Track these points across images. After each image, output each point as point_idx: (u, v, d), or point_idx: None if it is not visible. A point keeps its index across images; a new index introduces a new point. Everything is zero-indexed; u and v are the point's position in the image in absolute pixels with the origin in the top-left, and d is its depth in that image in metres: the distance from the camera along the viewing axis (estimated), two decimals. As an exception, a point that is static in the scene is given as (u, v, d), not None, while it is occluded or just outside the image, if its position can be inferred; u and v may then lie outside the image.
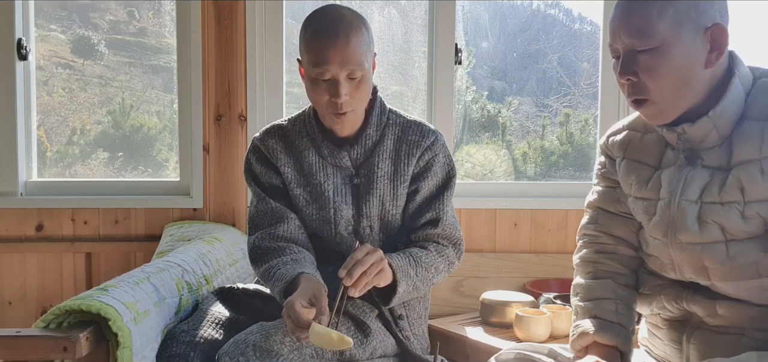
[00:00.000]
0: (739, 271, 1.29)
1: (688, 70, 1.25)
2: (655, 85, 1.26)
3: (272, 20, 2.54)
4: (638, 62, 1.27)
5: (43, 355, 1.39)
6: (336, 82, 1.54)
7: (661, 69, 1.25)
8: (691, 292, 1.38)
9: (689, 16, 1.24)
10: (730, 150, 1.29)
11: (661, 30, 1.23)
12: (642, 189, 1.41)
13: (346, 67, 1.53)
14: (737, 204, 1.27)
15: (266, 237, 1.66)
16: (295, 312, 1.37)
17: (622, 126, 1.51)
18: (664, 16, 1.23)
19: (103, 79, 2.79)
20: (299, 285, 1.47)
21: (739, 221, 1.27)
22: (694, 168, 1.33)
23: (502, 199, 2.58)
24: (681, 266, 1.37)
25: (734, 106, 1.28)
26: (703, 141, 1.31)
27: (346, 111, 1.57)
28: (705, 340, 1.36)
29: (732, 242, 1.29)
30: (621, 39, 1.28)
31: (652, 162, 1.42)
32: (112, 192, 2.61)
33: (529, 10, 2.87)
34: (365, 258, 1.47)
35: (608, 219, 1.53)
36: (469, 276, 2.51)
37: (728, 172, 1.28)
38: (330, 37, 1.53)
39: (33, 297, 2.58)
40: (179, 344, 1.56)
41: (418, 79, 2.72)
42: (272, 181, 1.72)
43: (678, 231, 1.34)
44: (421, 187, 1.69)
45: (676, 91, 1.26)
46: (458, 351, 2.10)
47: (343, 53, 1.52)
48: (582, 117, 2.78)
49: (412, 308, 1.76)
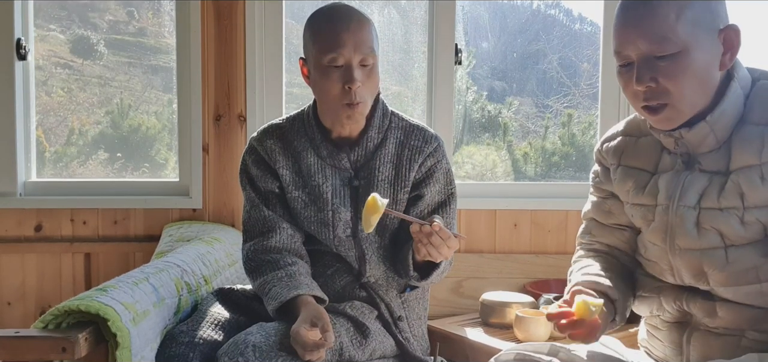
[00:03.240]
0: (739, 276, 1.28)
1: (706, 73, 1.24)
2: (676, 88, 1.24)
3: (272, 20, 2.54)
4: (658, 68, 1.24)
5: (42, 356, 1.39)
6: (350, 68, 1.54)
7: (684, 73, 1.22)
8: (690, 294, 1.37)
9: (705, 19, 1.22)
10: (728, 154, 1.27)
11: (681, 35, 1.21)
12: (639, 195, 1.40)
13: (359, 51, 1.54)
14: (736, 210, 1.25)
15: (259, 250, 1.67)
16: (301, 339, 1.42)
17: (616, 132, 1.50)
18: (683, 20, 1.21)
19: (103, 79, 2.78)
20: (298, 312, 1.51)
21: (739, 227, 1.26)
22: (692, 173, 1.31)
23: (502, 200, 2.58)
24: (680, 271, 1.36)
25: (733, 109, 1.26)
26: (700, 145, 1.29)
27: (359, 101, 1.56)
28: (705, 342, 1.35)
29: (731, 247, 1.28)
30: (636, 46, 1.25)
31: (648, 167, 1.40)
32: (111, 192, 2.61)
33: (529, 10, 2.87)
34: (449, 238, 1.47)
35: (601, 231, 1.53)
36: (469, 277, 2.51)
37: (727, 177, 1.27)
38: (344, 21, 1.55)
39: (32, 297, 2.57)
40: (178, 344, 1.55)
41: (418, 79, 2.72)
42: (268, 186, 1.71)
43: (676, 237, 1.33)
44: (424, 193, 1.68)
45: (695, 94, 1.25)
46: (458, 351, 2.10)
47: (356, 36, 1.54)
48: (583, 117, 2.78)
49: (412, 309, 1.75)
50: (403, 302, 1.74)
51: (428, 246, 1.45)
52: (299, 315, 1.50)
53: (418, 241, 1.47)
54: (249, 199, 1.73)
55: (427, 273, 1.62)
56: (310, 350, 1.42)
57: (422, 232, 1.44)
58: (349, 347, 1.58)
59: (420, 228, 1.45)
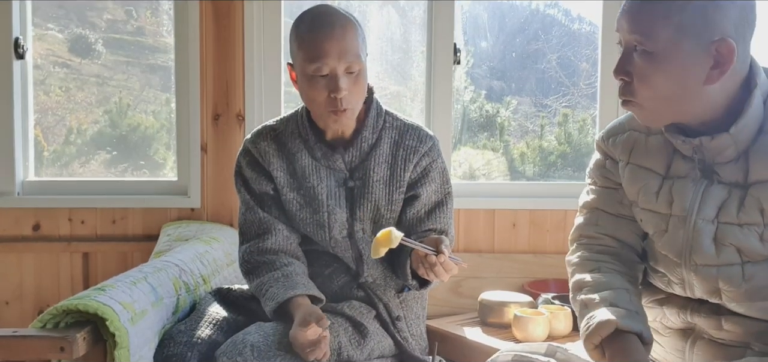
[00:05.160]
0: (754, 293, 1.24)
1: (681, 84, 1.18)
2: (643, 90, 1.20)
3: (270, 20, 2.54)
4: (633, 63, 1.20)
5: (40, 355, 1.39)
6: (335, 77, 1.53)
7: (654, 77, 1.18)
8: (696, 306, 1.33)
9: (694, 27, 1.14)
10: (746, 165, 1.22)
11: (661, 36, 1.16)
12: (651, 201, 1.33)
13: (344, 59, 1.52)
14: (757, 227, 1.21)
15: (255, 251, 1.67)
16: (300, 342, 1.43)
17: (623, 125, 1.43)
18: (669, 22, 1.15)
19: (101, 78, 2.78)
20: (293, 314, 1.51)
21: (757, 244, 1.21)
22: (711, 184, 1.26)
23: (500, 199, 2.58)
24: (692, 286, 1.31)
25: (754, 119, 1.20)
26: (719, 155, 1.23)
27: (346, 108, 1.55)
28: (709, 350, 1.32)
29: (748, 264, 1.23)
30: (624, 29, 1.22)
31: (659, 169, 1.34)
32: (110, 191, 2.60)
33: (528, 9, 2.87)
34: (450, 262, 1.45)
35: (611, 222, 1.44)
36: (468, 277, 2.51)
37: (746, 190, 1.22)
38: (327, 30, 1.52)
39: (30, 297, 2.57)
40: (176, 344, 1.55)
41: (417, 78, 2.72)
42: (262, 188, 1.71)
43: (693, 253, 1.27)
44: (420, 193, 1.68)
45: (663, 102, 1.20)
46: (456, 351, 2.10)
47: (340, 45, 1.52)
48: (580, 117, 2.78)
49: (410, 308, 1.75)
50: (401, 302, 1.73)
51: (429, 270, 1.45)
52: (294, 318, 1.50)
53: (420, 265, 1.47)
54: (244, 201, 1.73)
55: (426, 282, 1.60)
56: (312, 349, 1.42)
57: (427, 260, 1.44)
58: (347, 347, 1.57)
59: (426, 256, 1.43)
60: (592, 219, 1.47)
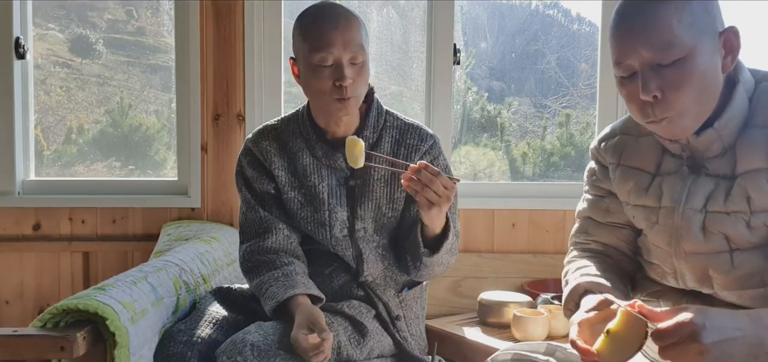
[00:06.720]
0: (744, 281, 1.27)
1: (711, 78, 1.20)
2: (679, 99, 1.19)
3: (271, 20, 2.54)
4: (663, 77, 1.18)
5: (40, 354, 1.39)
6: (340, 65, 1.54)
7: (690, 81, 1.18)
8: (691, 298, 1.36)
9: (705, 22, 1.18)
10: (734, 158, 1.25)
11: (686, 39, 1.16)
12: (641, 197, 1.38)
13: (349, 49, 1.54)
14: (743, 215, 1.24)
15: (256, 250, 1.68)
16: (302, 346, 1.44)
17: (615, 130, 1.47)
18: (685, 24, 1.16)
19: (101, 78, 2.78)
20: (294, 315, 1.52)
21: (745, 231, 1.24)
22: (698, 177, 1.30)
23: (500, 200, 2.58)
24: (684, 275, 1.35)
25: (739, 114, 1.24)
26: (706, 150, 1.27)
27: (350, 96, 1.56)
28: None
29: (736, 251, 1.27)
30: (639, 55, 1.19)
31: (649, 168, 1.38)
32: (110, 191, 2.61)
33: (527, 10, 2.87)
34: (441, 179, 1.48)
35: (597, 229, 1.51)
36: (467, 277, 2.51)
37: (733, 181, 1.25)
38: (332, 20, 1.55)
39: (30, 296, 2.57)
40: (176, 343, 1.56)
41: (417, 79, 2.72)
42: (263, 187, 1.71)
43: (682, 241, 1.31)
44: None
45: (698, 103, 1.20)
46: (456, 351, 2.10)
47: (345, 35, 1.54)
48: (582, 118, 2.78)
49: (410, 308, 1.75)
50: (401, 301, 1.74)
51: (425, 190, 1.47)
52: (294, 318, 1.51)
53: (414, 192, 1.49)
54: (245, 201, 1.74)
55: (437, 247, 1.62)
56: (314, 354, 1.43)
57: (413, 175, 1.46)
58: (347, 346, 1.58)
59: (409, 172, 1.47)
60: (583, 227, 1.55)
